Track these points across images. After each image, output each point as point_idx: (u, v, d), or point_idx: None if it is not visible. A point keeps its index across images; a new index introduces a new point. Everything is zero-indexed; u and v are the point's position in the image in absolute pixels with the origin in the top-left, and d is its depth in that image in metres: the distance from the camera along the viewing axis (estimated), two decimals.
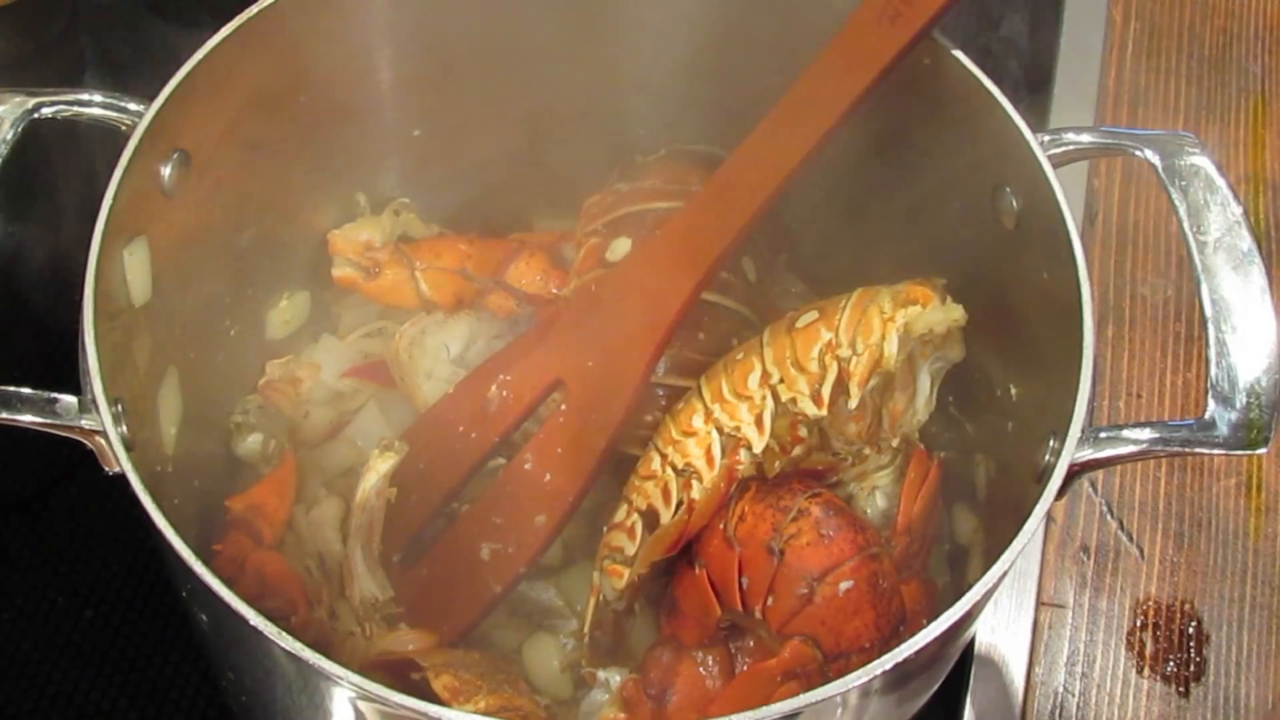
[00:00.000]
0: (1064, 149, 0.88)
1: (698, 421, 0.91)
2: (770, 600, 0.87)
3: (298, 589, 0.90)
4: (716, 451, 0.90)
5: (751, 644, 0.88)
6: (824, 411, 0.88)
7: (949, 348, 0.93)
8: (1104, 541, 1.13)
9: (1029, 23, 1.42)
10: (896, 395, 0.93)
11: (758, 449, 0.89)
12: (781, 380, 0.90)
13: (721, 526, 0.90)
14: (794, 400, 0.89)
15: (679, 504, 0.90)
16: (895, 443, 0.94)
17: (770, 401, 0.90)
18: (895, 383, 0.93)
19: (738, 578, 0.88)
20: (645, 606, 0.94)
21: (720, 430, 0.90)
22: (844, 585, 0.86)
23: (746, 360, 0.92)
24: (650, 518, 0.91)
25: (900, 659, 0.71)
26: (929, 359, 0.93)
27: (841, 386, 0.88)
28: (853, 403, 0.88)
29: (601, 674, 0.92)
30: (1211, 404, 0.77)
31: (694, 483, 0.90)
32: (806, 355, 0.90)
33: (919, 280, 0.91)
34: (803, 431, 0.91)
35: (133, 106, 0.87)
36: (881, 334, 0.88)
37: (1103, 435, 0.79)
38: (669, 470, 0.91)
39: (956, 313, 0.89)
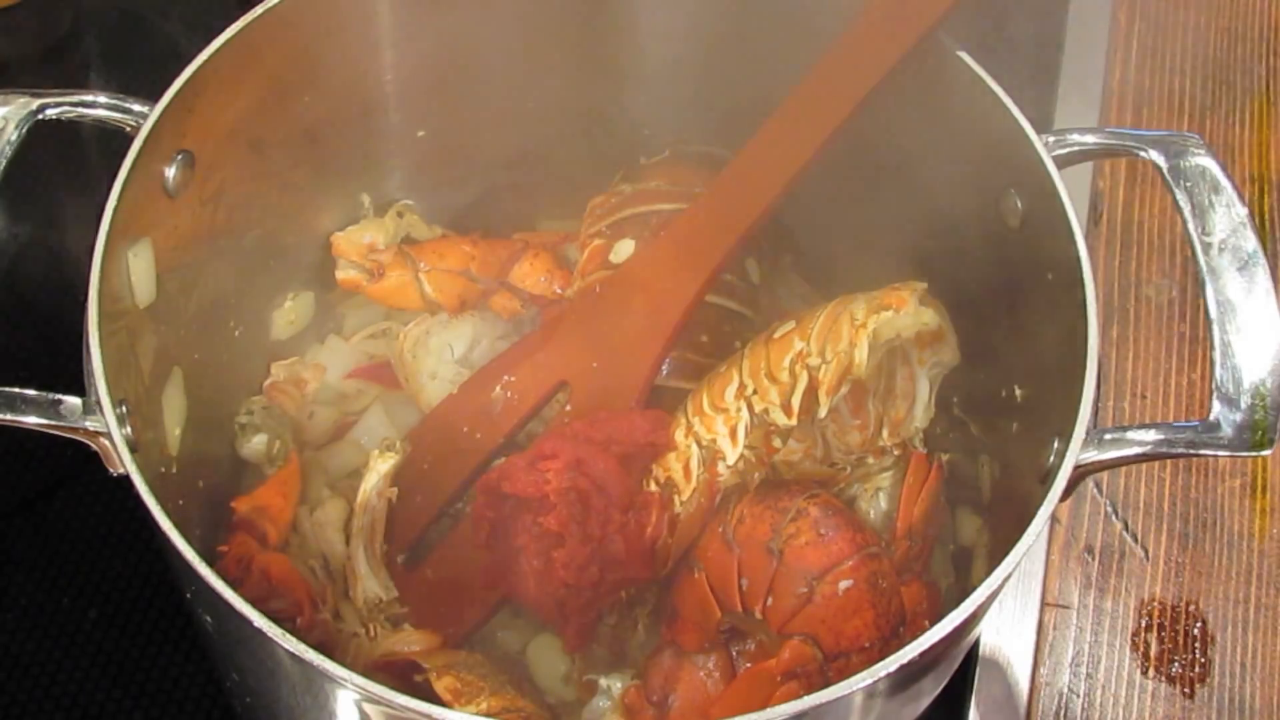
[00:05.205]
0: (1068, 150, 0.88)
1: (679, 435, 0.91)
2: (770, 600, 0.87)
3: (303, 590, 0.90)
4: (695, 465, 0.90)
5: (752, 647, 0.88)
6: (794, 421, 0.88)
7: (942, 352, 0.93)
8: (1109, 542, 1.12)
9: (1034, 23, 1.42)
10: (898, 403, 0.93)
11: (730, 460, 0.89)
12: (755, 391, 0.89)
13: (720, 529, 0.90)
14: (766, 411, 0.89)
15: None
16: (896, 451, 0.94)
17: (745, 413, 0.89)
18: (896, 391, 0.93)
19: (737, 579, 0.88)
20: (645, 615, 0.94)
21: (699, 443, 0.90)
22: (843, 584, 0.86)
23: (727, 373, 0.92)
24: None
25: (905, 660, 0.71)
26: (926, 365, 0.93)
27: (812, 395, 0.88)
28: (822, 411, 0.87)
29: (603, 681, 0.92)
30: (1216, 405, 0.77)
31: (675, 498, 0.90)
32: (778, 365, 0.89)
33: (897, 285, 0.90)
34: (776, 442, 0.90)
35: (137, 108, 0.87)
36: (850, 341, 0.87)
37: (1107, 437, 0.79)
38: (653, 485, 0.91)
39: (926, 316, 0.89)
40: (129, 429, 0.78)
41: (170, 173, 0.89)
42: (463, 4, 1.00)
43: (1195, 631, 1.09)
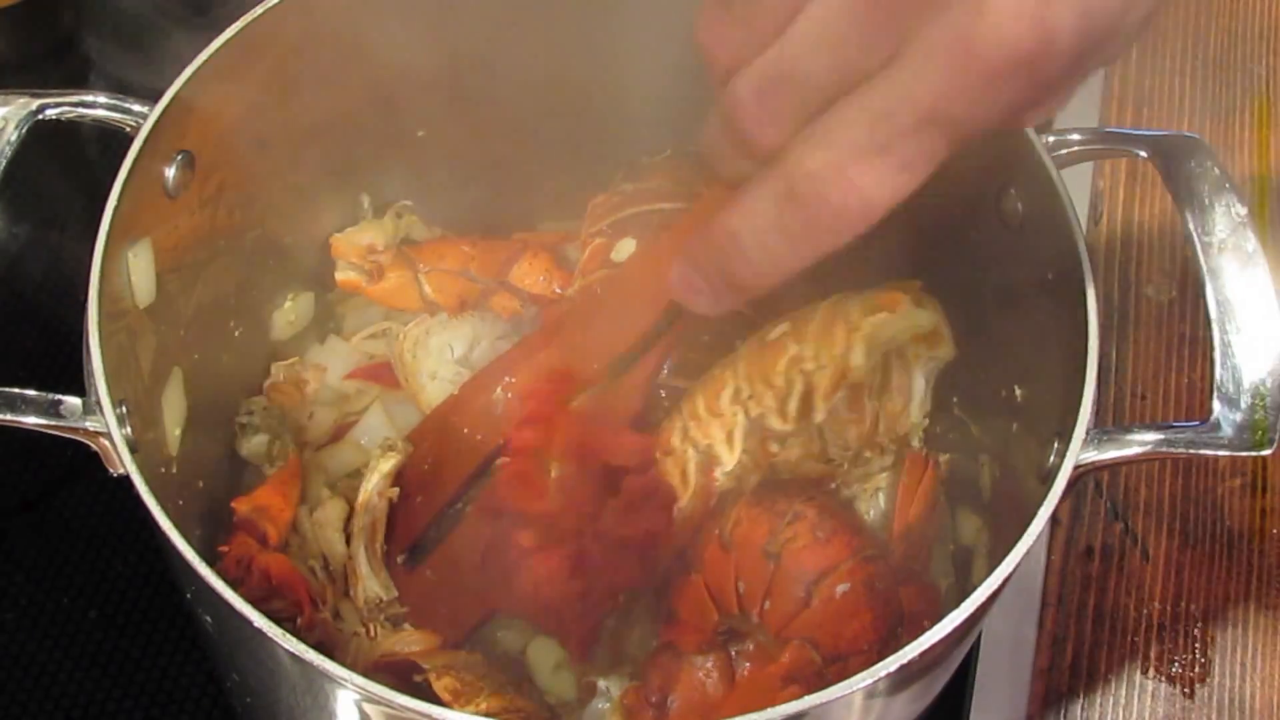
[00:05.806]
0: (1069, 150, 0.88)
1: (675, 440, 0.91)
2: (767, 604, 0.87)
3: (303, 590, 0.90)
4: (691, 470, 0.89)
5: (751, 648, 0.88)
6: (790, 426, 0.88)
7: (937, 348, 0.93)
8: (1109, 542, 1.12)
9: None
10: (894, 398, 0.93)
11: (727, 466, 0.89)
12: (751, 396, 0.89)
13: (717, 533, 0.90)
14: (762, 416, 0.89)
15: None
16: (894, 448, 0.94)
17: (742, 418, 0.89)
18: (892, 386, 0.93)
19: (734, 582, 0.88)
20: (644, 616, 0.94)
21: (695, 448, 0.90)
22: (840, 588, 0.86)
23: (722, 376, 0.91)
24: None
25: (906, 660, 0.71)
26: (922, 360, 0.93)
27: (809, 400, 0.87)
28: (818, 416, 0.87)
29: (602, 682, 0.92)
30: (1216, 405, 0.77)
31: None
32: (774, 370, 0.88)
33: (893, 285, 0.89)
34: (773, 446, 0.90)
35: (137, 108, 0.87)
36: (845, 345, 0.86)
37: (1107, 437, 0.79)
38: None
39: (922, 318, 0.88)
40: (129, 429, 0.78)
41: (170, 173, 0.89)
42: (463, 3, 1.00)
43: (1195, 631, 1.09)
